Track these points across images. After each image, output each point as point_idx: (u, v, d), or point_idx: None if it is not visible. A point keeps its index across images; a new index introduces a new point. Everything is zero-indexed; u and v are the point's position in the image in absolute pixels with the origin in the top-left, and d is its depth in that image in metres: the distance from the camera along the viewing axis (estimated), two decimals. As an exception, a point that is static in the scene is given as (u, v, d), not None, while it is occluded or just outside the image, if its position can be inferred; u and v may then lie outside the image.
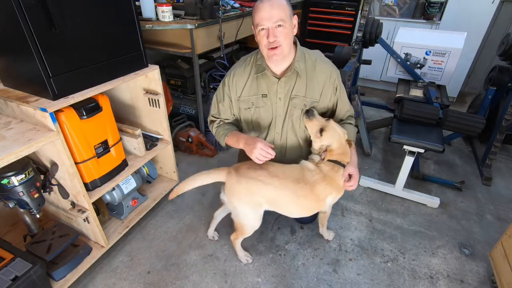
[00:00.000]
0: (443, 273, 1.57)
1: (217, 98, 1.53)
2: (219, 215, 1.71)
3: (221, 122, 1.55)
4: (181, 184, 1.50)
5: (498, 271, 1.42)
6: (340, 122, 1.53)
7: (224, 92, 1.48)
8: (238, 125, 1.58)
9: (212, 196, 2.05)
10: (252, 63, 1.43)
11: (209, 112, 1.59)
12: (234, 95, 1.46)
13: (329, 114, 1.52)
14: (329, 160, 1.40)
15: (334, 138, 1.39)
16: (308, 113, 1.40)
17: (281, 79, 1.38)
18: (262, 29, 1.25)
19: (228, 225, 1.82)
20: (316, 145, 1.43)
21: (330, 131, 1.38)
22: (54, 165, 1.29)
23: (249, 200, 1.40)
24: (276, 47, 1.26)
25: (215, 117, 1.56)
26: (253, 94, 1.44)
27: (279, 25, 1.23)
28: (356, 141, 2.66)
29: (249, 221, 1.46)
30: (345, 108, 1.52)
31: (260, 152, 1.30)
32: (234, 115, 1.53)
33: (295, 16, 1.31)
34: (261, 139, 1.33)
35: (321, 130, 1.38)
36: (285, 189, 1.36)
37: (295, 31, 1.32)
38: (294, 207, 1.44)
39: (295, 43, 1.40)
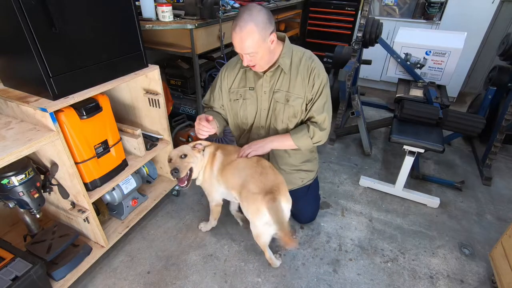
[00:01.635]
0: (443, 273, 1.57)
1: (211, 88, 1.64)
2: None
3: (210, 109, 1.66)
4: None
5: (498, 271, 1.41)
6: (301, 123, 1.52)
7: (217, 84, 1.59)
8: (225, 117, 1.66)
9: (212, 196, 2.05)
10: None
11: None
12: (226, 87, 1.56)
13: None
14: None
15: (182, 147, 1.50)
16: (174, 173, 1.41)
17: (266, 73, 1.44)
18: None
19: (227, 225, 1.82)
20: (198, 158, 1.50)
21: (180, 149, 1.48)
22: (54, 165, 1.29)
23: None
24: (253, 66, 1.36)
25: (206, 104, 1.68)
26: (241, 87, 1.52)
27: (252, 55, 1.29)
28: (356, 141, 2.68)
29: None
30: (312, 111, 1.45)
31: (198, 126, 1.40)
32: (222, 106, 1.62)
33: (274, 34, 1.30)
34: (202, 116, 1.42)
35: (182, 156, 1.46)
36: None
37: (274, 45, 1.34)
38: None
39: (283, 40, 1.44)
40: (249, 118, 1.56)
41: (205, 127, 1.39)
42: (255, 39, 1.24)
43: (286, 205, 1.35)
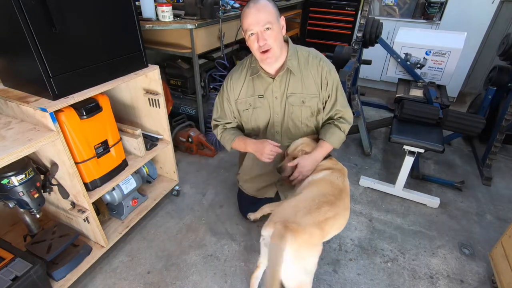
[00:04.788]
0: (443, 273, 1.57)
1: (218, 103, 1.60)
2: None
3: (225, 128, 1.61)
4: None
5: (498, 271, 1.42)
6: (327, 121, 1.53)
7: (224, 97, 1.55)
8: (241, 129, 1.64)
9: (212, 196, 2.05)
10: (247, 66, 1.49)
11: (211, 115, 1.66)
12: (233, 98, 1.52)
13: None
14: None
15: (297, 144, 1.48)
16: (280, 170, 1.47)
17: (276, 78, 1.42)
18: (252, 34, 1.29)
19: (227, 225, 1.83)
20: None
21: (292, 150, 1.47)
22: (54, 165, 1.29)
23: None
24: (267, 50, 1.30)
25: (217, 121, 1.62)
26: (250, 96, 1.49)
27: (267, 28, 1.26)
28: (356, 141, 2.68)
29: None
30: (335, 106, 1.49)
31: (268, 151, 1.38)
32: (235, 118, 1.59)
33: (282, 17, 1.34)
34: (268, 141, 1.40)
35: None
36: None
37: (284, 31, 1.36)
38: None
39: (286, 41, 1.44)
40: (261, 126, 1.54)
41: (272, 151, 1.38)
42: (271, 10, 1.26)
43: (289, 254, 1.04)
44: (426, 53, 2.50)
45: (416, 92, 2.47)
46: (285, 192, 1.72)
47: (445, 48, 2.42)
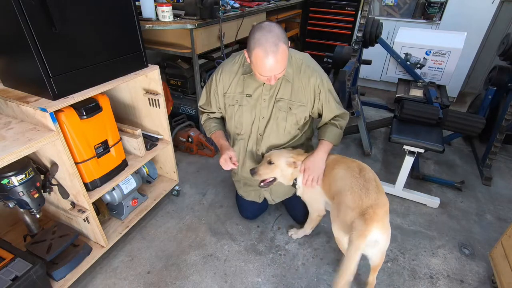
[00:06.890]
0: (443, 273, 1.57)
1: (204, 91, 1.60)
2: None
3: (209, 117, 1.64)
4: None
5: (498, 271, 1.42)
6: (324, 124, 1.55)
7: (211, 88, 1.54)
8: (224, 120, 1.66)
9: (212, 196, 2.05)
10: (239, 62, 1.46)
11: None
12: (221, 91, 1.51)
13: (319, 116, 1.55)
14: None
15: (278, 156, 1.47)
16: (252, 172, 1.49)
17: None
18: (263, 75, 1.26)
19: (227, 225, 1.83)
20: (288, 172, 1.49)
21: (272, 156, 1.47)
22: (54, 165, 1.29)
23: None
24: None
25: (203, 109, 1.65)
26: (238, 93, 1.47)
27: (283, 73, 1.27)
28: (356, 141, 2.68)
29: None
30: (331, 112, 1.50)
31: (224, 164, 1.45)
32: (219, 109, 1.59)
33: (288, 42, 1.29)
34: (230, 152, 1.45)
35: (269, 162, 1.47)
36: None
37: None
38: None
39: None
40: (244, 125, 1.52)
41: (230, 166, 1.44)
42: (286, 54, 1.21)
43: (379, 235, 1.13)
44: (426, 53, 2.50)
45: (416, 92, 2.47)
46: (271, 195, 1.73)
47: (445, 48, 2.43)
